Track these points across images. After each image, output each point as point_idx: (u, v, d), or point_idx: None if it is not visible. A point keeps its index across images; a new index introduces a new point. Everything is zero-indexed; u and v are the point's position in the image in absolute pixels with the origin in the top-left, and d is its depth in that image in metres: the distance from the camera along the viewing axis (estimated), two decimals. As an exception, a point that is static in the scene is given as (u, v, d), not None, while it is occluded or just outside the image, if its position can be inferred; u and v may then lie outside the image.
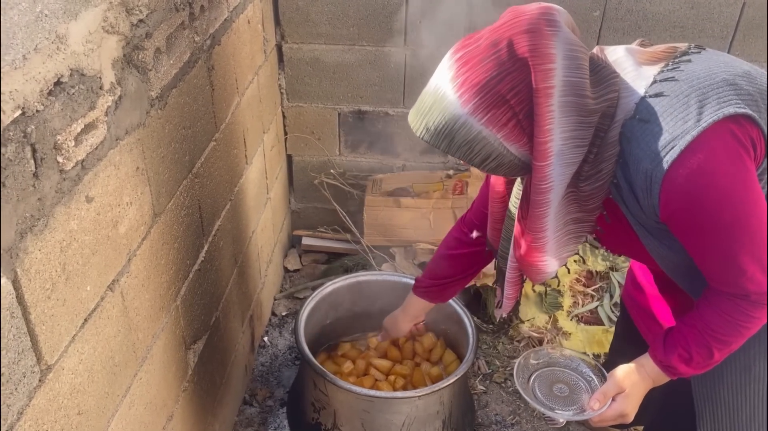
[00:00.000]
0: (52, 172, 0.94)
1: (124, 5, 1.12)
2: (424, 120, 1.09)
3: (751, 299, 1.09)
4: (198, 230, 1.59)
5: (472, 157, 1.08)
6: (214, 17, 1.63)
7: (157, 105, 1.30)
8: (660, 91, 1.05)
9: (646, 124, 1.03)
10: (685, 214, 1.04)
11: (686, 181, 1.00)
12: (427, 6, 2.24)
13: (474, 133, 1.04)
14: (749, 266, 1.06)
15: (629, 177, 1.07)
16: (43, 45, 0.89)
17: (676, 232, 1.09)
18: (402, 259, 2.51)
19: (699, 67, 1.07)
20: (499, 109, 1.02)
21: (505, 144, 1.05)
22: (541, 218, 1.13)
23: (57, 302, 0.97)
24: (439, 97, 1.06)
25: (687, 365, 1.17)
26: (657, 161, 1.01)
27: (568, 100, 1.01)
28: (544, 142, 1.03)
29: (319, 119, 2.52)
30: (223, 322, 1.84)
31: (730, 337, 1.13)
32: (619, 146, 1.06)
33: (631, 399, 1.21)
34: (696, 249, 1.10)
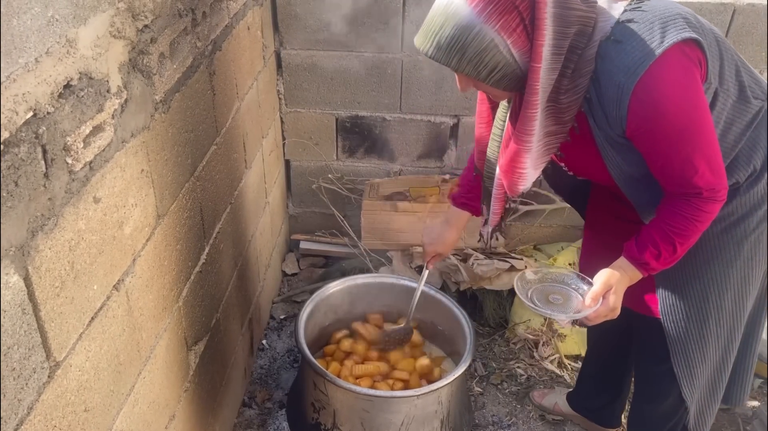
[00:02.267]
0: (61, 172, 0.96)
1: (130, 11, 1.15)
2: (436, 38, 1.18)
3: (703, 196, 1.27)
4: (199, 232, 1.61)
5: (481, 69, 1.18)
6: (215, 23, 1.66)
7: (161, 108, 1.33)
8: (630, 18, 1.22)
9: (619, 44, 1.20)
10: (650, 121, 1.20)
11: (653, 89, 1.18)
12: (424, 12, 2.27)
13: (486, 42, 1.15)
14: (700, 165, 1.24)
15: (600, 91, 1.22)
16: (55, 49, 0.92)
17: (640, 141, 1.25)
18: (399, 263, 2.54)
19: (657, 3, 1.26)
20: (510, 14, 1.14)
21: (513, 50, 1.17)
22: (531, 120, 1.25)
23: (66, 300, 0.99)
24: (451, 12, 1.15)
25: (657, 260, 1.34)
26: (629, 74, 1.18)
27: (557, 12, 1.17)
28: (540, 44, 1.17)
29: (316, 124, 2.55)
30: (224, 324, 1.86)
31: (688, 231, 1.31)
32: (594, 64, 1.22)
33: (618, 295, 1.37)
34: (656, 155, 1.26)
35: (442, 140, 2.55)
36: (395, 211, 2.56)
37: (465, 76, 1.24)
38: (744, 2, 2.24)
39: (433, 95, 2.45)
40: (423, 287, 1.86)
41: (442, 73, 2.39)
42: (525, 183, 1.38)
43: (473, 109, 2.46)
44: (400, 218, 2.57)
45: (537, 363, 2.34)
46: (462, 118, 2.49)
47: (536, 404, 2.18)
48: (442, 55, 1.18)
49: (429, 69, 2.39)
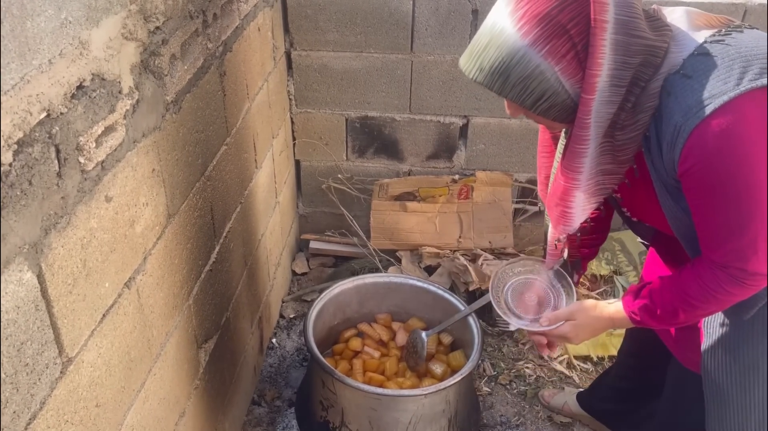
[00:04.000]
0: (74, 171, 0.98)
1: (142, 13, 1.17)
2: (479, 60, 1.10)
3: (729, 272, 1.13)
4: (210, 231, 1.63)
5: (525, 97, 1.09)
6: (226, 25, 1.68)
7: (172, 109, 1.35)
8: (708, 52, 1.08)
9: (688, 80, 1.06)
10: (701, 171, 1.06)
11: (711, 138, 1.03)
12: (433, 14, 2.29)
13: (531, 67, 1.06)
14: (743, 238, 1.09)
15: (660, 130, 1.09)
16: (68, 50, 0.94)
17: (687, 189, 1.11)
18: (408, 263, 2.55)
19: (748, 38, 1.10)
20: (560, 39, 1.04)
21: (561, 78, 1.07)
22: (580, 156, 1.15)
23: (78, 297, 1.01)
24: (497, 33, 1.07)
25: (651, 317, 1.24)
26: (689, 116, 1.04)
27: (618, 38, 1.04)
28: (594, 74, 1.05)
29: (326, 125, 2.57)
30: (233, 323, 1.87)
31: (698, 302, 1.18)
32: (658, 99, 1.09)
33: (578, 329, 1.31)
34: (700, 208, 1.12)
35: (451, 140, 2.56)
36: (404, 211, 2.57)
37: (512, 102, 1.14)
38: (755, 2, 2.23)
39: (443, 95, 2.46)
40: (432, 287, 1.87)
41: (452, 73, 2.40)
42: (571, 224, 1.27)
43: (483, 109, 2.47)
44: (409, 218, 2.58)
45: (546, 364, 2.34)
46: (471, 119, 2.50)
47: (545, 404, 2.18)
48: (485, 77, 1.10)
49: (438, 70, 2.40)
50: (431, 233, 2.58)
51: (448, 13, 2.28)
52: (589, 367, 2.32)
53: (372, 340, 1.97)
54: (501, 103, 2.51)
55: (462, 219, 2.58)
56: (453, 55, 2.36)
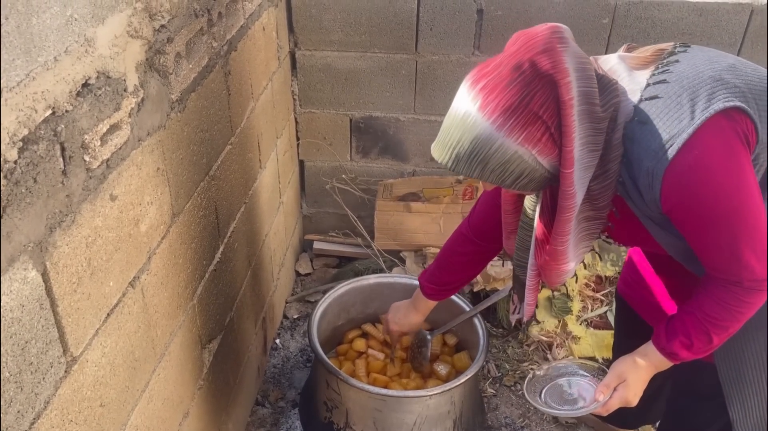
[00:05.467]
0: (79, 170, 0.98)
1: (147, 11, 1.17)
2: (454, 152, 1.11)
3: (744, 285, 1.15)
4: (214, 231, 1.62)
5: (505, 178, 1.12)
6: (231, 24, 1.67)
7: (177, 108, 1.34)
8: (654, 94, 1.12)
9: (644, 125, 1.10)
10: (684, 207, 1.11)
11: (684, 176, 1.07)
12: (438, 14, 2.28)
13: (509, 154, 1.08)
14: (744, 253, 1.12)
15: (633, 174, 1.13)
16: (73, 48, 0.93)
17: (677, 224, 1.15)
18: (412, 263, 2.54)
19: (686, 67, 1.14)
20: (534, 125, 1.07)
21: (539, 159, 1.09)
22: (568, 222, 1.17)
23: (82, 296, 1.01)
24: (469, 126, 1.08)
25: (688, 351, 1.24)
26: (657, 159, 1.08)
27: (583, 109, 1.08)
28: (569, 150, 1.08)
29: (331, 125, 2.56)
30: (237, 323, 1.87)
31: (726, 322, 1.19)
32: (622, 147, 1.12)
33: (632, 387, 1.29)
34: (694, 239, 1.16)
35: (455, 141, 2.54)
36: (409, 212, 2.56)
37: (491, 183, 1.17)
38: (762, 2, 2.21)
39: (448, 95, 2.43)
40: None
41: (457, 73, 2.39)
42: (567, 276, 1.30)
43: (487, 109, 2.46)
44: (413, 219, 2.57)
45: (550, 365, 2.32)
46: (476, 119, 2.49)
47: (550, 406, 2.17)
48: (463, 167, 1.11)
49: (443, 70, 2.39)
50: (435, 234, 2.56)
51: (452, 13, 2.28)
52: (594, 369, 2.31)
53: (376, 341, 1.96)
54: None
55: (466, 219, 2.57)
56: (458, 55, 2.35)
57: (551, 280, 1.33)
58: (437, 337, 1.90)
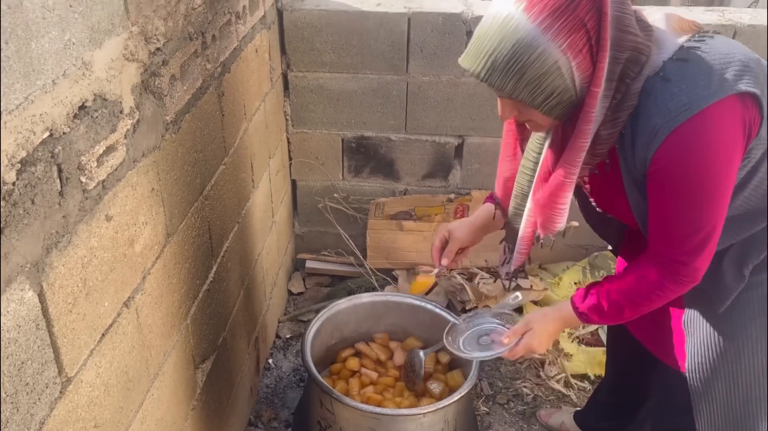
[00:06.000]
0: (75, 191, 0.99)
1: (143, 34, 1.18)
2: (490, 58, 1.06)
3: (675, 270, 1.21)
4: (208, 251, 1.63)
5: (537, 95, 1.08)
6: (224, 46, 1.69)
7: (172, 129, 1.36)
8: (685, 57, 1.12)
9: (667, 83, 1.10)
10: (672, 171, 1.12)
11: (685, 141, 1.09)
12: (428, 36, 2.32)
13: (549, 64, 1.05)
14: (697, 236, 1.17)
15: (636, 129, 1.13)
16: (71, 71, 0.95)
17: (653, 187, 1.17)
18: (404, 281, 2.55)
19: (720, 44, 1.15)
20: (578, 32, 1.04)
21: (575, 73, 1.07)
22: (581, 151, 1.15)
23: (78, 316, 1.01)
24: (511, 29, 1.04)
25: (599, 316, 1.32)
26: (668, 118, 1.08)
27: (612, 34, 1.07)
28: (602, 67, 1.07)
29: (323, 145, 2.58)
30: (230, 343, 1.86)
31: (641, 300, 1.27)
32: (637, 99, 1.12)
33: (537, 335, 1.37)
34: (661, 207, 1.18)
35: (447, 160, 2.58)
36: (400, 230, 2.58)
37: (513, 102, 1.14)
38: (745, 23, 2.27)
39: (438, 116, 2.48)
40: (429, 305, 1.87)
41: (447, 94, 2.42)
42: (563, 220, 1.28)
43: (478, 129, 2.49)
44: (405, 237, 2.58)
45: (543, 383, 2.33)
46: (466, 138, 2.52)
47: (543, 423, 2.17)
48: (497, 77, 1.07)
49: (433, 90, 2.42)
50: (427, 252, 2.57)
51: (442, 35, 2.31)
52: (587, 386, 2.31)
53: (369, 360, 1.96)
54: (495, 123, 2.54)
55: (458, 238, 2.59)
56: (448, 76, 2.39)
57: (548, 221, 1.29)
58: (430, 356, 1.91)
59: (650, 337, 1.54)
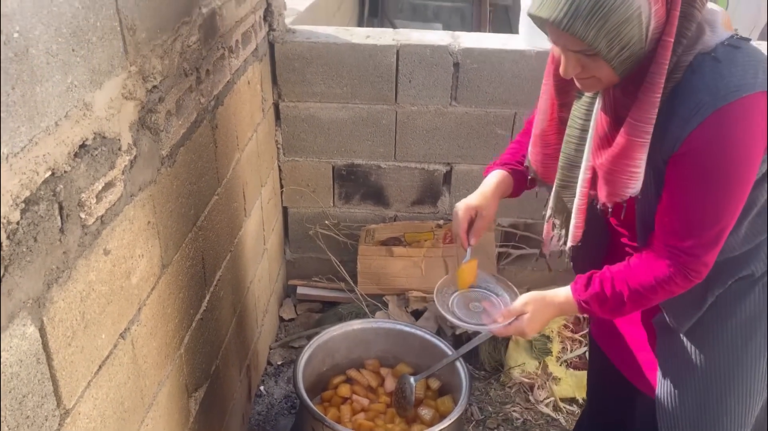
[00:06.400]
0: (75, 227, 1.02)
1: (141, 73, 1.23)
2: (573, 3, 1.04)
3: (683, 262, 1.18)
4: (201, 280, 1.66)
5: (614, 44, 1.06)
6: (218, 80, 1.74)
7: (167, 163, 1.39)
8: (738, 45, 1.13)
9: (717, 63, 1.10)
10: (704, 152, 1.11)
11: (728, 124, 1.08)
12: (416, 67, 2.38)
13: (632, 10, 1.03)
14: (713, 229, 1.15)
15: (673, 103, 1.12)
16: (73, 112, 0.99)
17: (677, 170, 1.15)
18: (395, 307, 2.58)
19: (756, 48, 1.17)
20: None
21: (652, 22, 1.06)
22: (654, 106, 1.11)
23: (76, 349, 1.04)
24: None
25: (600, 306, 1.27)
26: (716, 96, 1.08)
27: None
28: (676, 15, 1.06)
29: (314, 172, 2.62)
30: (223, 371, 1.88)
31: (648, 293, 1.24)
32: (681, 72, 1.12)
33: (531, 320, 1.34)
34: (682, 192, 1.15)
35: (435, 187, 2.63)
36: (391, 256, 2.62)
37: (580, 56, 1.12)
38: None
39: (427, 144, 2.53)
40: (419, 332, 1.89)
41: (435, 123, 2.48)
42: (636, 184, 1.20)
43: (465, 156, 2.54)
44: (395, 263, 2.62)
45: (533, 407, 2.36)
46: (455, 166, 2.57)
47: (533, 448, 2.19)
48: (581, 24, 1.04)
49: (422, 119, 2.48)
50: (417, 277, 2.62)
51: (430, 66, 2.38)
52: (575, 409, 2.34)
53: (361, 386, 1.98)
54: (482, 151, 2.59)
55: (447, 263, 2.63)
56: (436, 106, 2.45)
57: (618, 188, 1.22)
58: (421, 382, 1.93)
59: (628, 365, 1.55)
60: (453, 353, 1.85)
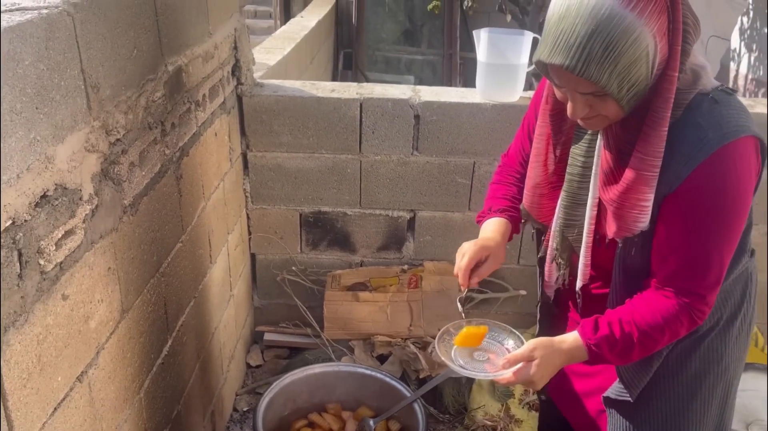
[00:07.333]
0: (34, 272, 1.07)
1: (104, 128, 1.30)
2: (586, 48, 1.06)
3: (689, 304, 1.21)
4: (163, 326, 1.70)
5: (624, 84, 1.09)
6: (183, 132, 1.82)
7: (130, 212, 1.46)
8: (730, 92, 1.20)
9: (716, 104, 1.16)
10: (707, 189, 1.15)
11: (734, 160, 1.13)
12: (379, 119, 2.49)
13: (641, 50, 1.07)
14: (712, 266, 1.19)
15: (673, 139, 1.15)
16: (34, 165, 1.05)
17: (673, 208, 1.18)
18: (361, 352, 2.61)
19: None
20: (663, 15, 1.07)
21: (657, 58, 1.09)
22: (662, 140, 1.14)
23: (31, 391, 1.07)
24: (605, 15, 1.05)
25: (610, 350, 1.25)
26: (721, 133, 1.13)
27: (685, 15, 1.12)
28: (677, 50, 1.10)
29: (281, 220, 2.69)
30: (185, 416, 1.90)
31: (656, 335, 1.24)
32: (681, 109, 1.16)
33: (539, 369, 1.27)
34: (685, 230, 1.18)
35: (400, 233, 2.71)
36: (357, 301, 2.67)
37: (588, 97, 1.14)
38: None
39: (391, 191, 2.62)
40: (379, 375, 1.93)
41: (398, 171, 2.58)
42: (646, 218, 1.21)
43: (428, 203, 2.64)
44: (361, 308, 2.67)
45: (496, 450, 2.39)
46: (418, 212, 2.66)
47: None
48: (594, 69, 1.07)
49: (385, 168, 2.58)
50: (383, 322, 2.66)
51: (392, 118, 2.49)
52: (538, 452, 2.37)
53: (322, 430, 2.01)
54: (444, 198, 2.68)
55: (412, 307, 2.68)
56: (398, 155, 2.55)
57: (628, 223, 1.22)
58: (381, 424, 1.96)
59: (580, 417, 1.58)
60: (411, 395, 1.89)
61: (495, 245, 1.47)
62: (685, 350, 1.40)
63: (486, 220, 1.54)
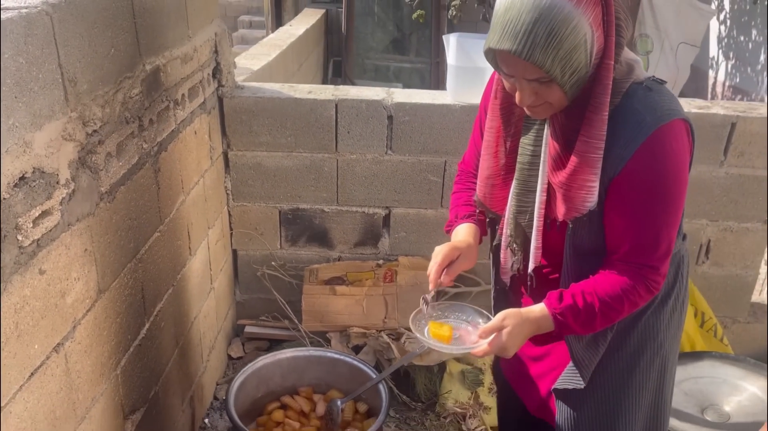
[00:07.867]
0: (12, 246, 1.18)
1: (81, 119, 1.42)
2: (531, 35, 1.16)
3: (646, 275, 1.32)
4: (140, 309, 1.80)
5: (566, 69, 1.20)
6: (161, 128, 1.93)
7: (107, 199, 1.57)
8: (661, 82, 1.32)
9: (649, 91, 1.29)
10: (646, 172, 1.26)
11: (669, 141, 1.25)
12: (354, 120, 2.61)
13: (580, 37, 1.18)
14: (663, 239, 1.30)
15: (613, 126, 1.26)
16: (13, 149, 1.16)
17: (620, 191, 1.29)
18: (337, 343, 2.72)
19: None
20: (597, 7, 1.19)
21: (595, 46, 1.20)
22: (604, 123, 1.24)
23: (9, 354, 1.18)
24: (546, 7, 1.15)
25: (574, 319, 1.34)
26: (658, 115, 1.25)
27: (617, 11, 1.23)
28: (612, 40, 1.21)
29: (261, 217, 2.80)
30: (163, 398, 2.00)
31: (616, 306, 1.34)
32: (619, 97, 1.27)
33: (510, 337, 1.35)
34: (633, 208, 1.29)
35: (376, 229, 2.82)
36: (334, 295, 2.77)
37: (535, 84, 1.24)
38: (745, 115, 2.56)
39: (366, 189, 2.74)
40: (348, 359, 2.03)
41: (373, 170, 2.69)
42: (593, 197, 1.30)
43: (402, 201, 2.75)
44: (338, 301, 2.77)
45: (465, 436, 2.48)
46: (393, 209, 2.77)
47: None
48: (539, 53, 1.17)
49: (360, 167, 2.69)
50: (359, 315, 2.77)
51: (367, 119, 2.61)
52: (505, 437, 2.47)
53: (294, 411, 2.11)
54: (417, 195, 2.80)
55: (387, 301, 2.79)
56: (373, 154, 2.67)
57: (577, 203, 1.32)
58: (350, 405, 2.06)
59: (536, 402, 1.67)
60: (376, 376, 2.00)
61: (466, 246, 1.55)
62: (625, 327, 1.50)
63: (455, 228, 1.62)
